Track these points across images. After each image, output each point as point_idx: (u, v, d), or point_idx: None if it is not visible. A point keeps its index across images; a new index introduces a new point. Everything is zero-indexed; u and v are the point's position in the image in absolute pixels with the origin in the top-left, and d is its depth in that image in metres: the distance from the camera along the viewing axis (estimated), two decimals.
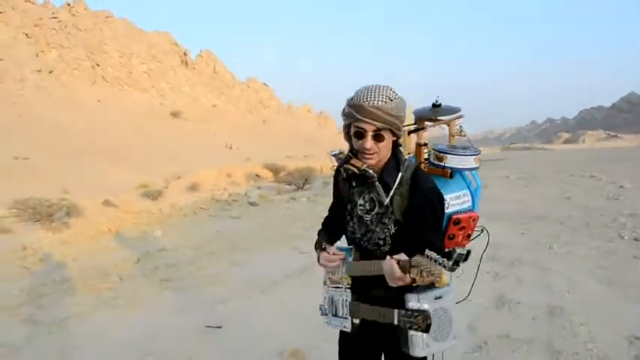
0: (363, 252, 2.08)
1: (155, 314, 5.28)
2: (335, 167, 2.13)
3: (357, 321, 2.08)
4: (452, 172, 2.27)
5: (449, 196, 2.18)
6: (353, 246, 2.13)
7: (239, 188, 22.67)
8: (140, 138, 36.54)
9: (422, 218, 1.94)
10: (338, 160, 2.10)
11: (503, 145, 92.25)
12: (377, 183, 1.98)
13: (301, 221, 10.55)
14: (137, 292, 6.02)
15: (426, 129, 2.55)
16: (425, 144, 2.45)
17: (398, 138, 1.99)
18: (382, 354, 2.23)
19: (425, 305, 1.84)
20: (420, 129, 2.52)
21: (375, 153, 1.92)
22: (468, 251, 2.16)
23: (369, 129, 1.86)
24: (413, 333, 1.90)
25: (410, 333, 1.90)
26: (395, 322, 1.85)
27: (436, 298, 1.95)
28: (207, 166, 27.34)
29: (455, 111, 2.54)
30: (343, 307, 2.13)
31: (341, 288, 2.15)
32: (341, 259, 2.12)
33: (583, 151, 40.58)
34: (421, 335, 1.89)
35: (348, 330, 2.11)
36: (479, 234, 2.40)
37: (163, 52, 56.65)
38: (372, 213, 2.03)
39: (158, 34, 58.07)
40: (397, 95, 1.89)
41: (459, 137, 2.61)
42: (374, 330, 2.07)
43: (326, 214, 2.43)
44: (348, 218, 2.15)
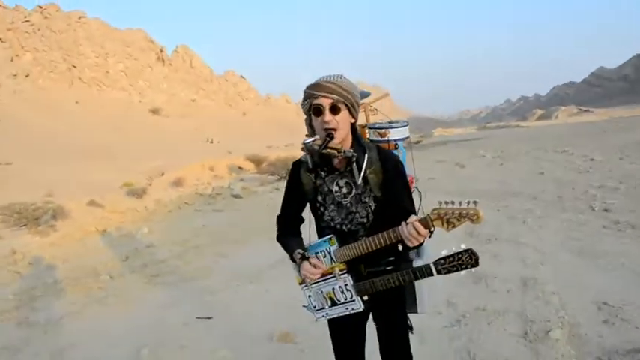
0: (346, 235, 2.18)
1: (146, 309, 5.45)
2: (300, 158, 2.23)
3: (367, 297, 2.17)
4: (396, 144, 2.55)
5: None
6: (332, 234, 2.18)
7: (222, 182, 22.75)
8: (121, 137, 36.33)
9: (399, 188, 2.14)
10: (314, 147, 2.06)
11: (479, 125, 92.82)
12: (354, 165, 2.07)
13: None
14: (127, 289, 6.19)
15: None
16: (365, 125, 2.69)
17: (355, 119, 2.14)
18: (366, 323, 2.38)
19: (462, 245, 1.95)
20: None
21: (335, 129, 2.02)
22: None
23: (326, 102, 2.00)
24: (420, 291, 2.18)
25: (417, 292, 2.15)
26: (434, 274, 1.96)
27: (417, 255, 2.29)
28: (189, 162, 27.32)
29: (366, 95, 2.77)
30: (344, 293, 2.19)
31: (330, 278, 2.20)
32: (323, 265, 2.19)
33: (556, 127, 41.27)
34: (428, 294, 2.14)
35: (360, 309, 2.19)
36: (420, 196, 2.60)
37: (139, 50, 56.03)
38: (351, 196, 2.15)
39: (132, 32, 57.34)
40: (348, 79, 2.08)
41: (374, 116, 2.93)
42: (366, 303, 2.19)
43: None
44: (323, 209, 2.23)
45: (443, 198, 1.91)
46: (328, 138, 2.01)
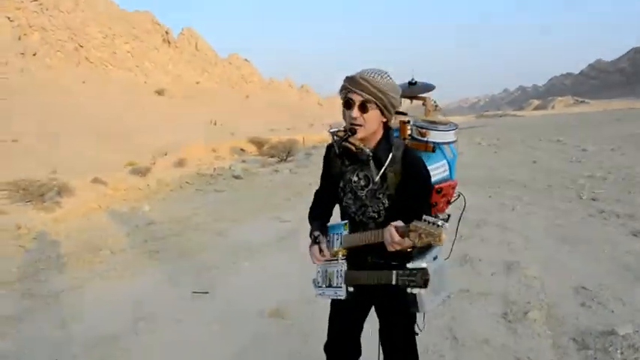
0: (358, 225, 2.23)
1: (145, 283, 5.63)
2: (337, 144, 2.20)
3: (352, 288, 2.22)
4: (434, 146, 2.42)
5: (430, 168, 2.29)
6: (347, 220, 2.27)
7: (224, 163, 22.92)
8: (126, 117, 36.47)
9: (415, 192, 2.10)
10: (336, 139, 2.16)
11: (477, 114, 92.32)
12: (371, 161, 2.12)
13: (282, 192, 10.94)
14: (128, 264, 6.36)
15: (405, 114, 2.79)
16: (408, 121, 2.56)
17: (387, 119, 2.13)
18: (367, 315, 2.43)
19: (423, 264, 1.92)
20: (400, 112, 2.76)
21: (362, 125, 2.05)
22: (448, 215, 2.44)
23: (357, 99, 2.02)
24: (417, 291, 2.05)
25: (414, 291, 2.03)
26: (393, 282, 1.97)
27: (434, 259, 2.13)
28: (192, 142, 27.49)
29: (430, 88, 2.73)
30: (338, 278, 2.27)
31: (335, 261, 2.29)
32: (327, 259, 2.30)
33: (551, 117, 41.29)
34: (425, 292, 2.02)
35: (342, 297, 2.26)
36: (456, 199, 2.60)
37: (146, 32, 55.95)
38: (367, 189, 2.17)
39: (139, 14, 57.22)
40: (390, 78, 2.06)
41: (435, 111, 2.82)
42: (368, 295, 2.25)
43: (312, 190, 2.58)
44: (342, 194, 2.29)
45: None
46: (349, 132, 2.08)
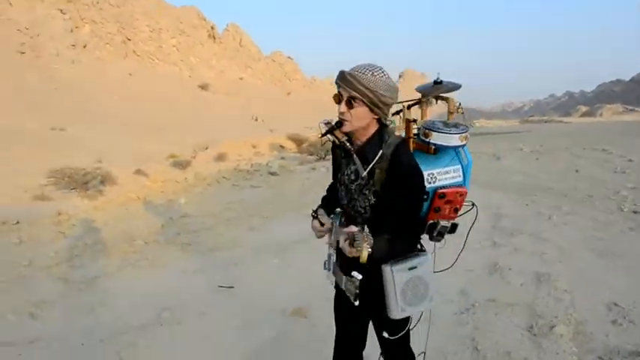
0: (348, 217, 2.25)
1: (174, 275, 5.75)
2: (320, 135, 2.22)
3: (333, 282, 2.31)
4: (436, 149, 2.36)
5: (436, 171, 2.27)
6: (341, 210, 2.30)
7: (263, 158, 23.12)
8: (170, 110, 37.29)
9: (397, 192, 2.06)
10: (321, 128, 2.19)
11: (521, 118, 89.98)
12: (355, 156, 2.12)
13: (317, 190, 10.93)
14: (159, 255, 6.50)
15: (430, 105, 2.63)
16: (414, 120, 2.50)
17: (379, 116, 2.09)
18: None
19: (359, 276, 2.07)
20: (415, 103, 2.59)
21: (348, 121, 2.05)
22: (454, 224, 2.36)
23: (344, 94, 2.03)
24: (351, 299, 2.15)
25: (386, 297, 2.07)
26: (342, 287, 2.14)
27: (410, 269, 2.09)
28: (233, 137, 27.87)
29: (456, 87, 2.60)
30: (330, 264, 2.27)
31: (332, 248, 2.30)
32: (328, 229, 2.29)
33: (599, 125, 39.71)
34: (396, 299, 2.05)
35: (332, 285, 2.34)
36: (469, 209, 2.48)
37: (192, 27, 57.03)
38: (355, 183, 2.19)
39: (186, 9, 58.43)
40: (384, 76, 2.02)
41: (457, 114, 2.76)
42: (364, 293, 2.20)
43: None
44: (338, 185, 2.34)
45: (474, 189, 1.90)
46: (335, 125, 2.09)
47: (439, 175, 2.28)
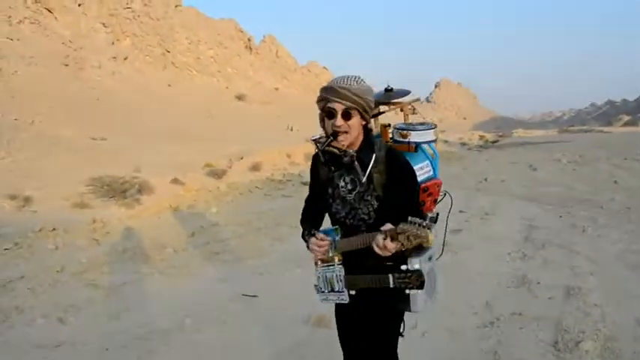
0: (349, 229, 2.24)
1: (199, 283, 5.83)
2: (320, 149, 2.21)
3: (354, 292, 2.23)
4: (416, 146, 2.49)
5: (415, 168, 2.35)
6: (337, 225, 2.29)
7: (298, 168, 23.21)
8: (207, 120, 37.96)
9: (401, 191, 2.14)
10: (318, 145, 2.19)
11: (560, 128, 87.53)
12: (356, 163, 2.14)
13: None
14: (187, 263, 6.61)
15: (383, 112, 2.82)
16: (388, 125, 2.65)
17: (367, 122, 2.18)
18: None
19: (416, 265, 1.99)
20: (378, 113, 2.77)
21: (346, 132, 2.10)
22: (437, 214, 2.40)
23: (339, 108, 2.07)
24: (414, 292, 2.05)
25: (411, 292, 2.05)
26: (391, 285, 2.02)
27: (430, 259, 2.13)
28: (269, 147, 28.05)
29: (405, 93, 2.78)
30: (338, 282, 2.28)
31: (332, 266, 2.29)
32: (330, 242, 2.27)
33: None
34: (420, 292, 2.05)
35: (346, 302, 2.28)
36: (442, 198, 2.59)
37: (229, 38, 58.06)
38: (354, 192, 2.21)
39: (224, 21, 59.64)
40: (364, 82, 2.12)
41: (413, 116, 2.85)
42: (369, 297, 2.20)
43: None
44: (331, 200, 2.32)
45: (509, 200, 1.88)
46: (331, 137, 2.12)
47: (417, 172, 2.36)
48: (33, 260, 6.72)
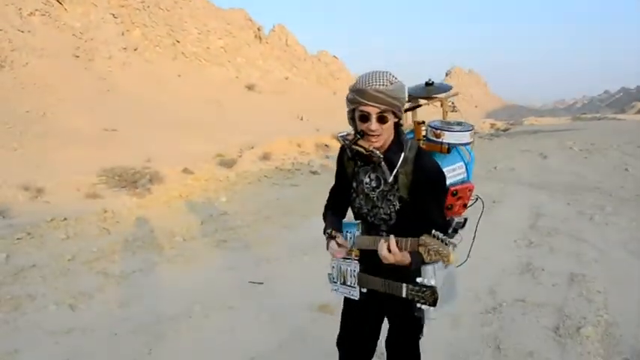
0: (370, 226, 2.22)
1: (208, 270, 5.92)
2: (347, 146, 2.17)
3: (365, 290, 2.22)
4: (449, 148, 2.39)
5: (446, 169, 2.25)
6: (360, 220, 2.26)
7: (308, 157, 23.23)
8: (217, 110, 38.00)
9: (426, 196, 2.07)
10: (345, 142, 2.16)
11: (573, 116, 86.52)
12: (382, 163, 2.08)
13: None
14: (196, 252, 6.70)
15: (421, 106, 2.71)
16: (422, 122, 2.56)
17: (399, 119, 2.11)
18: (384, 319, 2.42)
19: (432, 281, 1.89)
20: (415, 107, 2.66)
21: (380, 135, 2.03)
22: (465, 219, 2.36)
23: (373, 112, 1.98)
24: (426, 308, 1.96)
25: (423, 307, 1.96)
26: (403, 295, 1.95)
27: (446, 267, 2.03)
28: (279, 137, 28.06)
29: (447, 89, 2.66)
30: (351, 277, 2.26)
31: (349, 260, 2.28)
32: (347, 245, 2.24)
33: None
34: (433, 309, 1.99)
35: (356, 298, 2.26)
36: (473, 202, 2.53)
37: (239, 28, 57.82)
38: (378, 190, 2.16)
39: (234, 11, 59.34)
40: (396, 79, 2.01)
41: (452, 113, 2.77)
42: (380, 297, 2.19)
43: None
44: (354, 195, 2.28)
45: (518, 188, 1.87)
46: (359, 135, 2.06)
47: (448, 173, 2.28)
48: (44, 249, 6.83)
